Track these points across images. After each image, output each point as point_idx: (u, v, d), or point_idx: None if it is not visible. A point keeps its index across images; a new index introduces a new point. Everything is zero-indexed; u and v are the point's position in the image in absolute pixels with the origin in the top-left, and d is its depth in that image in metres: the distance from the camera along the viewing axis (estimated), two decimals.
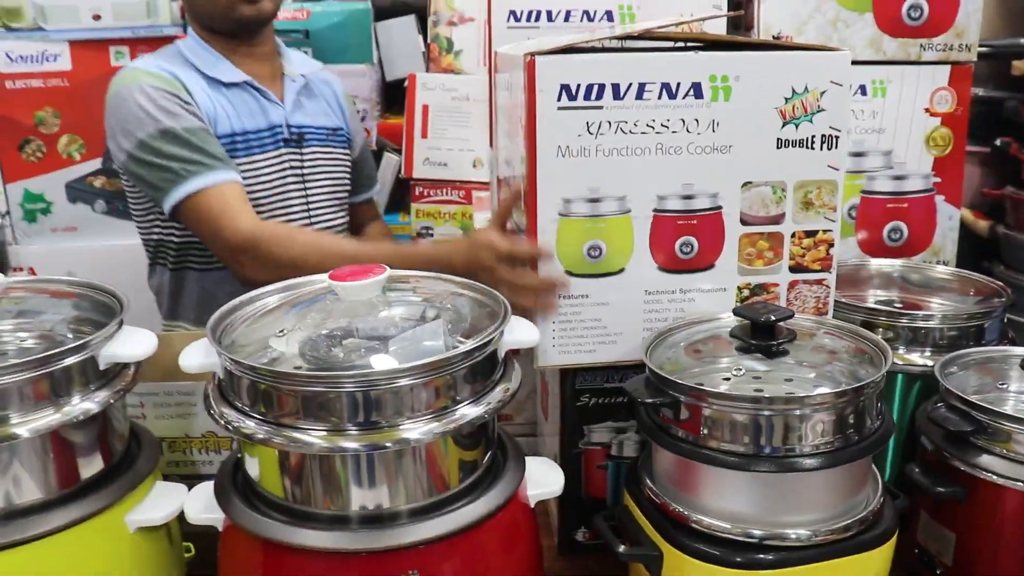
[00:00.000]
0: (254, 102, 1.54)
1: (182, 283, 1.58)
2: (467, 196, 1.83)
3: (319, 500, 0.88)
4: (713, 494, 0.94)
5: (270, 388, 0.85)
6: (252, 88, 1.55)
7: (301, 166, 1.57)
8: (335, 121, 1.64)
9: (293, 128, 1.56)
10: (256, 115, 1.54)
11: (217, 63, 1.53)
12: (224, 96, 1.52)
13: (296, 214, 1.57)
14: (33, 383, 0.88)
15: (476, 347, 0.88)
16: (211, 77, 1.52)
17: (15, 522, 0.89)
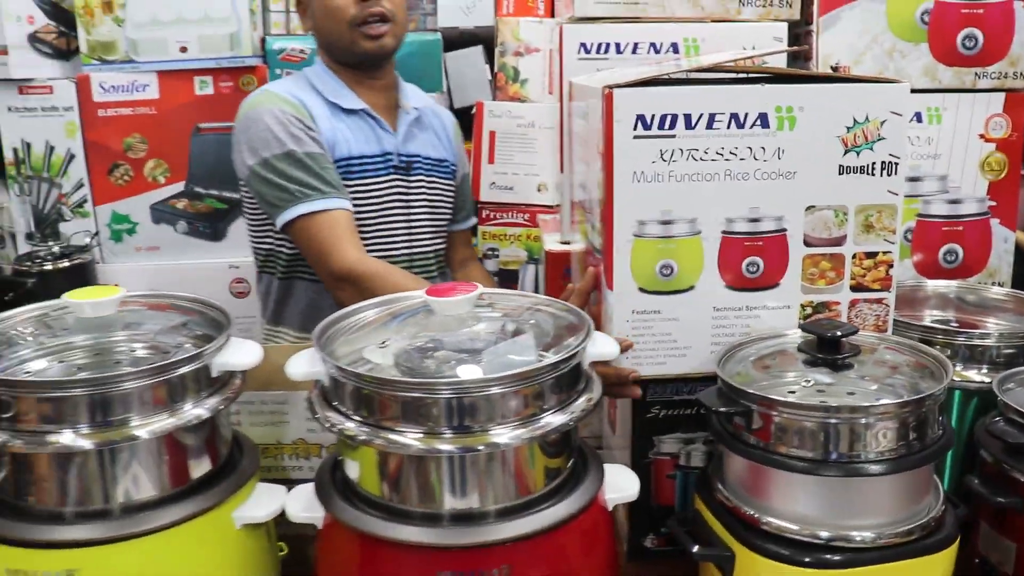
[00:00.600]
0: (369, 130, 1.65)
1: (290, 291, 1.68)
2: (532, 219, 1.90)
3: (414, 499, 0.94)
4: (782, 498, 1.00)
5: (373, 393, 0.92)
6: (369, 116, 1.65)
7: (407, 192, 1.66)
8: (442, 153, 1.73)
9: (403, 156, 1.66)
10: (371, 142, 1.64)
11: (339, 91, 1.64)
12: (343, 122, 1.63)
13: (398, 236, 1.66)
14: (152, 389, 0.96)
15: (562, 359, 0.94)
16: (333, 103, 1.63)
17: (133, 516, 0.97)
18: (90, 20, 1.99)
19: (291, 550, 1.19)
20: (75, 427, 0.93)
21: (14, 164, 2.04)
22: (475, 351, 1.00)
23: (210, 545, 1.01)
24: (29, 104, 2.02)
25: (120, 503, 0.97)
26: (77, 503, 0.96)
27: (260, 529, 1.07)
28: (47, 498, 0.96)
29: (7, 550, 0.95)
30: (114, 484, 0.96)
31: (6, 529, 0.95)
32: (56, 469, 0.95)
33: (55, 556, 0.94)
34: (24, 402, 0.93)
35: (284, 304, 1.70)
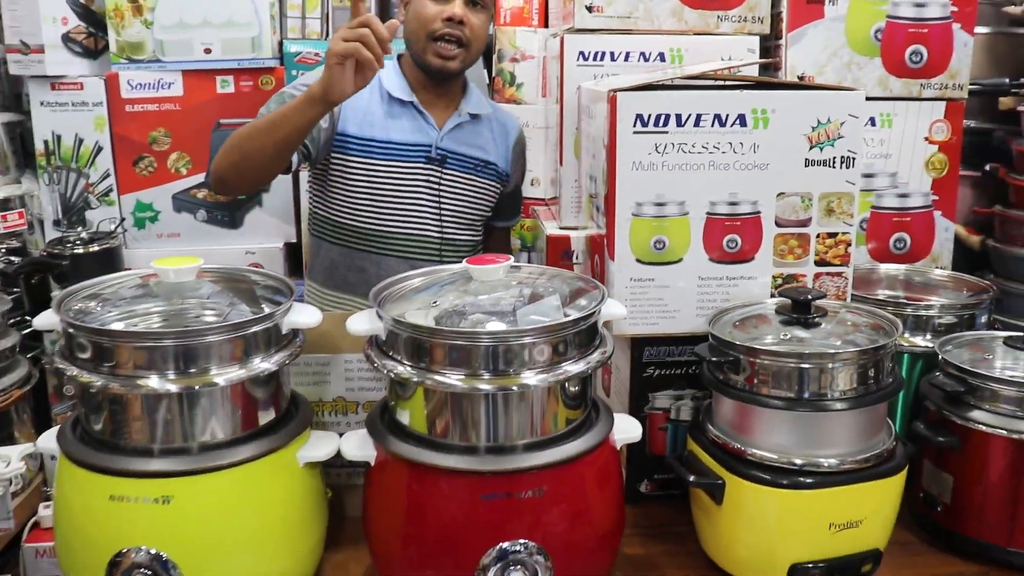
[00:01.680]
0: (413, 120, 1.80)
1: (318, 249, 1.88)
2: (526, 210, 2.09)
3: (457, 434, 1.13)
4: (764, 432, 1.20)
5: (424, 342, 1.10)
6: (416, 109, 1.80)
7: (439, 182, 1.82)
8: (491, 156, 1.87)
9: (440, 149, 1.81)
10: (412, 132, 1.80)
11: (399, 82, 1.80)
12: (391, 108, 1.79)
13: (429, 222, 1.83)
14: (230, 343, 1.13)
15: (582, 317, 1.13)
16: (386, 91, 1.79)
17: (211, 452, 1.13)
18: (120, 22, 2.14)
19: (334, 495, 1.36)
20: (163, 374, 1.10)
21: (44, 155, 2.18)
22: (506, 312, 1.18)
23: (279, 480, 1.18)
24: (61, 99, 2.15)
25: (199, 441, 1.13)
26: (164, 441, 1.12)
27: (317, 469, 1.25)
28: (138, 436, 1.12)
29: (107, 479, 1.11)
30: (196, 425, 1.13)
31: (105, 461, 1.12)
32: (146, 410, 1.12)
33: (149, 484, 1.10)
34: (120, 351, 1.10)
35: (315, 259, 1.90)
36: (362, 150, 1.78)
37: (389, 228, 1.81)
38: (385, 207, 1.80)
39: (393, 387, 1.18)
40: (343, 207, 1.82)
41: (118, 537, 1.10)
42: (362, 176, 1.77)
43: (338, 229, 1.83)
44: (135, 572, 1.10)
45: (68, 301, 1.18)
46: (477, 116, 1.86)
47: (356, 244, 1.83)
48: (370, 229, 1.81)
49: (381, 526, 1.19)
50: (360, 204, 1.80)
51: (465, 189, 1.85)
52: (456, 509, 1.11)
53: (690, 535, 1.35)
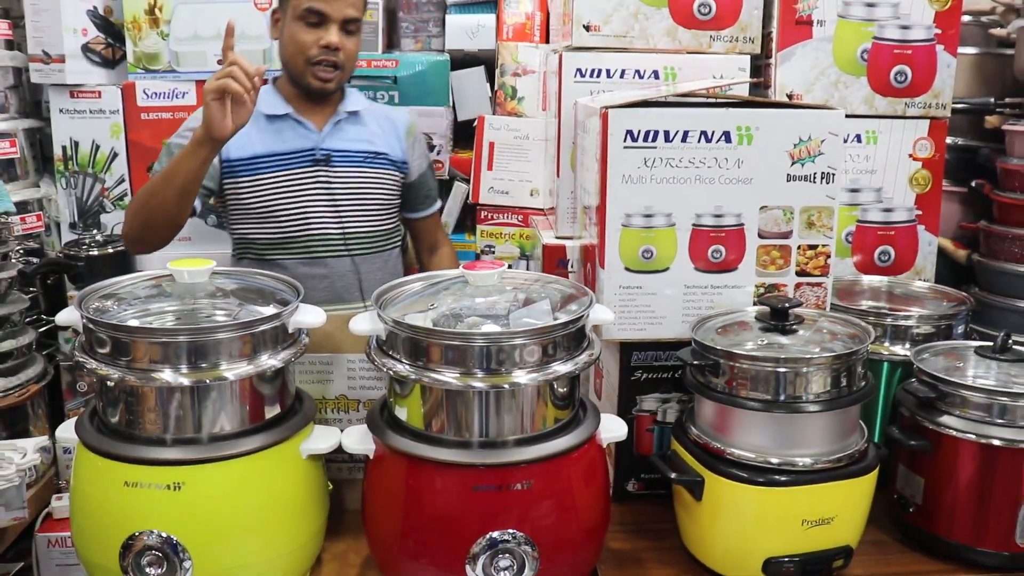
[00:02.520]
0: (292, 130, 1.95)
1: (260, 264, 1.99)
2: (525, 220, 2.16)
3: (452, 429, 1.20)
4: (742, 432, 1.27)
5: (421, 342, 1.18)
6: (294, 119, 1.95)
7: (329, 180, 1.95)
8: (380, 147, 2.00)
9: (323, 150, 1.94)
10: (291, 140, 1.94)
11: (272, 101, 1.95)
12: (267, 124, 1.93)
13: (327, 221, 1.96)
14: (239, 340, 1.21)
15: (571, 320, 1.20)
16: (260, 111, 1.90)
17: (220, 443, 1.20)
18: (137, 33, 2.23)
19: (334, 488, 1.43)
20: (176, 368, 1.17)
21: (62, 160, 2.26)
22: (500, 315, 1.25)
23: (282, 470, 1.25)
24: (79, 107, 2.24)
25: (209, 432, 1.21)
26: (176, 431, 1.20)
27: (319, 461, 1.32)
28: (152, 426, 1.20)
29: (122, 466, 1.18)
30: (205, 416, 1.20)
31: (121, 449, 1.19)
32: (159, 402, 1.19)
33: (162, 472, 1.18)
34: (137, 346, 1.17)
35: None
36: (248, 168, 1.93)
37: (289, 233, 1.96)
38: (281, 214, 1.94)
39: (392, 384, 1.25)
40: (245, 225, 1.97)
41: (131, 521, 1.17)
42: (253, 191, 1.91)
43: (248, 247, 1.99)
44: (147, 554, 1.18)
45: (87, 299, 1.26)
46: (356, 112, 2.00)
47: (268, 255, 1.97)
48: (273, 239, 1.96)
49: (378, 516, 1.26)
50: (258, 217, 1.95)
51: (358, 181, 1.98)
52: (449, 500, 1.18)
53: (674, 532, 1.41)
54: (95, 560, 1.22)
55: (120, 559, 1.18)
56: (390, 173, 2.02)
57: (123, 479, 1.18)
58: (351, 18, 1.88)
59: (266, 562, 1.24)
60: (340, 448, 1.29)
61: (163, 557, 1.17)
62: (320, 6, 1.84)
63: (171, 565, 1.17)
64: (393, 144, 2.04)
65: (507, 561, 1.18)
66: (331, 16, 1.85)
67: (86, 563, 1.24)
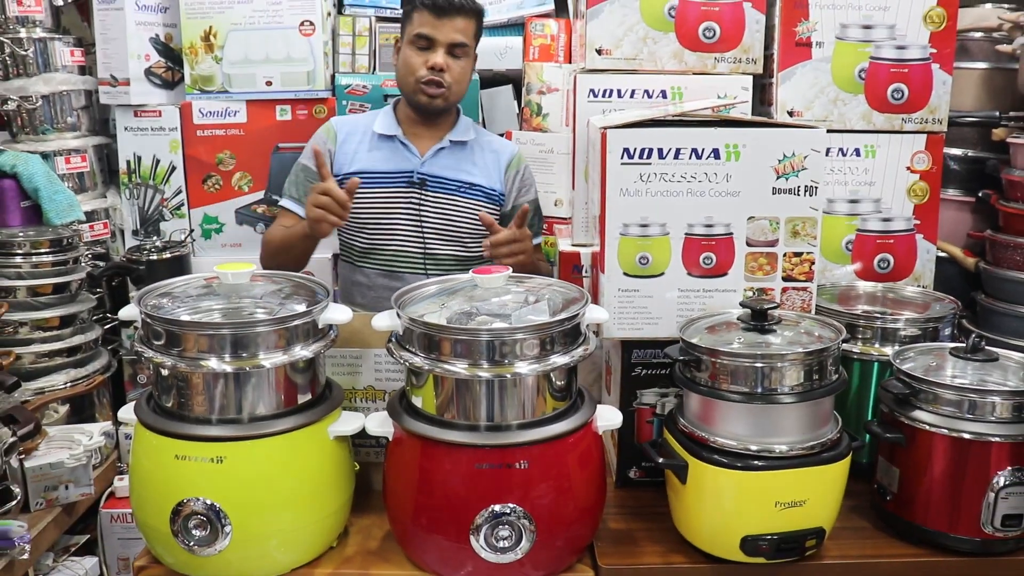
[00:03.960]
0: (395, 152, 2.11)
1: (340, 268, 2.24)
2: (549, 228, 2.31)
3: (460, 414, 1.35)
4: (723, 422, 1.40)
5: (435, 337, 1.33)
6: (400, 142, 2.11)
7: (420, 204, 2.09)
8: (476, 179, 2.13)
9: (420, 174, 2.08)
10: (392, 161, 2.11)
11: (385, 121, 2.14)
12: (376, 143, 2.12)
13: (411, 239, 2.12)
14: (276, 333, 1.37)
15: (566, 318, 1.35)
16: (373, 131, 2.12)
17: (258, 423, 1.37)
18: (194, 58, 2.43)
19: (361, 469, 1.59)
20: (220, 357, 1.34)
21: (126, 173, 2.48)
22: (506, 314, 1.40)
23: (312, 449, 1.42)
24: (142, 125, 2.45)
25: (248, 413, 1.37)
26: (220, 411, 1.37)
27: (346, 443, 1.48)
28: (199, 407, 1.37)
29: (173, 442, 1.36)
30: (245, 399, 1.37)
31: (172, 427, 1.37)
32: (206, 386, 1.36)
33: (207, 447, 1.35)
34: (187, 338, 1.35)
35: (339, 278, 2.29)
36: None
37: (376, 245, 2.13)
38: (372, 227, 2.12)
39: (409, 375, 1.41)
40: (343, 232, 2.16)
41: (181, 489, 1.35)
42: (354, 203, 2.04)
43: (345, 251, 2.20)
44: (193, 519, 1.35)
45: (146, 297, 1.44)
46: (462, 143, 2.15)
47: (357, 261, 2.16)
48: (362, 247, 2.14)
49: (396, 492, 1.42)
50: (352, 226, 2.12)
51: (447, 209, 2.13)
52: (457, 477, 1.33)
53: (668, 516, 1.54)
54: (150, 523, 1.39)
55: (171, 523, 1.35)
56: (482, 204, 2.13)
57: (174, 453, 1.36)
58: (458, 43, 2.03)
59: (296, 530, 1.40)
60: (364, 432, 1.45)
61: (207, 521, 1.34)
62: (428, 31, 2.02)
63: (214, 529, 1.34)
64: (492, 175, 2.15)
65: (506, 532, 1.33)
66: (438, 40, 2.02)
67: (142, 526, 1.42)
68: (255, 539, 1.38)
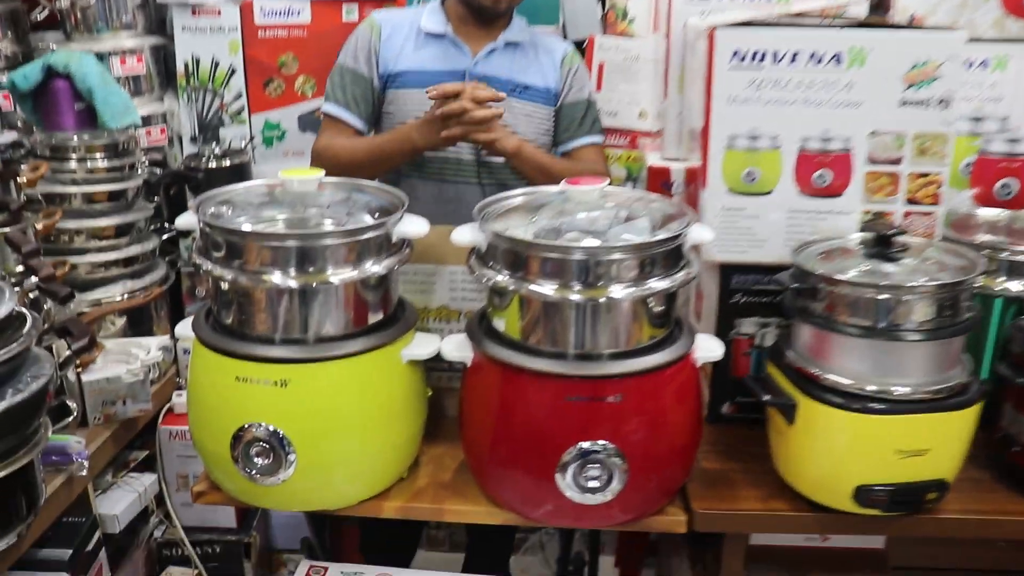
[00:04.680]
0: (444, 51, 1.93)
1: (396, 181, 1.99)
2: (632, 142, 2.14)
3: (547, 340, 1.22)
4: (839, 358, 1.25)
5: (521, 254, 1.20)
6: (450, 41, 1.93)
7: None
8: (530, 79, 1.96)
9: (472, 75, 1.92)
10: (442, 61, 1.93)
11: (434, 18, 1.94)
12: (425, 43, 1.93)
13: (463, 147, 1.92)
14: (346, 247, 1.25)
15: (669, 237, 1.21)
16: (421, 27, 1.93)
17: (324, 344, 1.26)
18: None
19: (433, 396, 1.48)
20: (285, 271, 1.22)
21: (184, 76, 2.35)
22: (600, 231, 1.26)
23: (383, 374, 1.31)
24: (200, 24, 2.30)
25: (314, 333, 1.26)
26: (284, 331, 1.26)
27: (419, 367, 1.37)
28: (262, 325, 1.26)
29: (234, 362, 1.26)
30: (312, 318, 1.26)
31: (234, 346, 1.26)
32: (269, 303, 1.25)
33: (270, 368, 1.24)
34: (249, 249, 1.23)
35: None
36: (397, 82, 1.93)
37: (424, 153, 1.91)
38: None
39: (491, 295, 1.29)
40: None
41: (242, 413, 1.25)
42: (399, 105, 1.91)
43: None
44: (255, 445, 1.25)
45: (204, 204, 1.32)
46: (515, 43, 1.96)
47: (402, 171, 1.97)
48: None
49: (473, 422, 1.31)
50: None
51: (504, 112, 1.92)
52: (543, 409, 1.22)
53: (766, 457, 1.42)
54: (209, 448, 1.30)
55: (231, 448, 1.26)
56: (537, 107, 1.98)
57: (235, 374, 1.25)
58: None
59: (365, 459, 1.30)
60: (439, 356, 1.33)
61: (270, 448, 1.25)
62: None
63: (276, 456, 1.25)
64: (548, 75, 1.99)
65: (596, 471, 1.21)
66: None
67: (201, 450, 1.33)
68: (320, 469, 1.28)
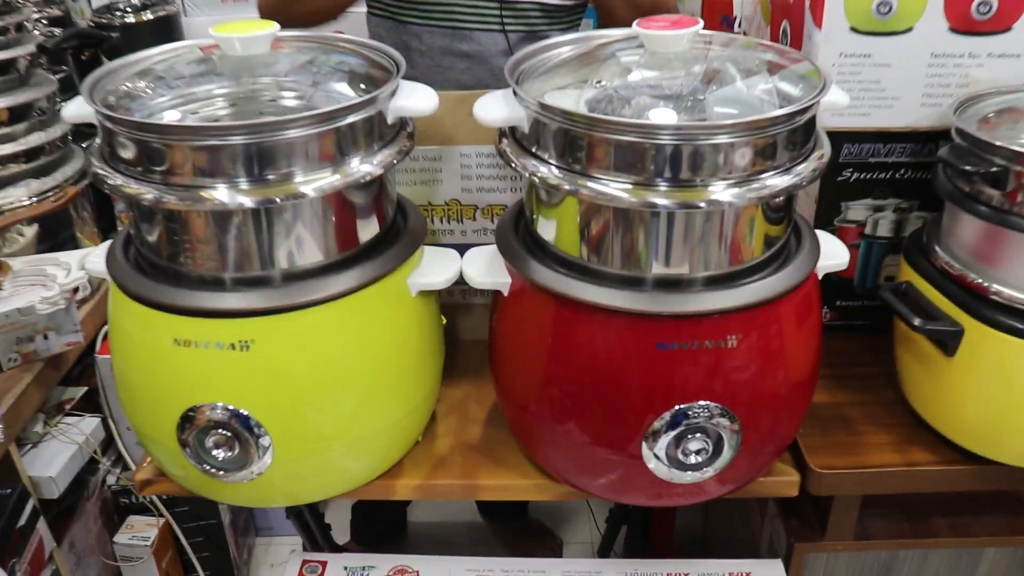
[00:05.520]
0: None
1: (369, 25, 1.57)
2: None
3: (619, 260, 0.84)
4: (1021, 267, 0.89)
5: (582, 137, 0.80)
6: None
7: None
8: None
9: None
10: None
11: None
12: None
13: None
14: (319, 139, 0.84)
15: (798, 110, 0.81)
16: None
17: (299, 284, 0.87)
18: None
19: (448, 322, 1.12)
20: (232, 182, 0.81)
21: None
22: (689, 98, 0.87)
23: (386, 315, 0.92)
24: None
25: (283, 270, 0.87)
26: (239, 270, 0.86)
27: (432, 297, 0.99)
28: (206, 263, 0.86)
29: (170, 319, 0.86)
30: (278, 249, 0.86)
31: (166, 295, 0.86)
32: (213, 230, 0.85)
33: (224, 326, 0.85)
34: (176, 151, 0.81)
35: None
36: None
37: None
38: None
39: (534, 193, 0.90)
40: None
41: (189, 390, 0.87)
42: None
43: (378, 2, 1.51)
44: (212, 432, 0.88)
45: (105, 83, 0.90)
46: None
47: (401, 15, 1.49)
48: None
49: (516, 371, 0.95)
50: None
51: None
52: (620, 360, 0.85)
53: (880, 379, 1.10)
54: (150, 435, 0.93)
55: (178, 437, 0.89)
56: None
57: (172, 335, 0.86)
58: None
59: (369, 436, 0.95)
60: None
61: (233, 437, 0.88)
62: None
63: (244, 446, 0.88)
64: None
65: (699, 443, 0.87)
66: None
67: (140, 436, 0.96)
68: (307, 454, 0.92)
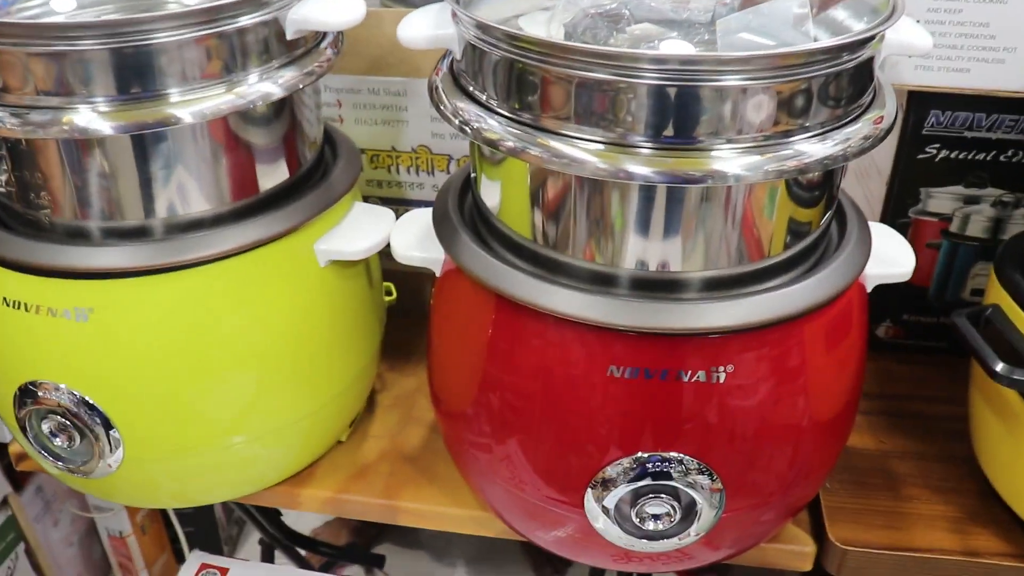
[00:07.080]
0: None
1: None
2: None
3: (581, 247, 0.60)
4: None
5: (536, 73, 0.56)
6: None
7: None
8: None
9: None
10: None
11: None
12: None
13: None
14: (201, 47, 0.62)
15: (850, 43, 0.55)
16: None
17: (176, 239, 0.67)
18: None
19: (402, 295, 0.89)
20: (90, 102, 0.61)
21: None
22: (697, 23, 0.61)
23: (283, 284, 0.72)
24: None
25: (162, 219, 0.67)
26: (95, 216, 0.66)
27: (356, 268, 0.77)
28: (59, 208, 0.66)
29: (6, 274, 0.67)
30: (151, 191, 0.66)
31: (6, 248, 0.67)
32: (65, 165, 0.64)
33: (69, 288, 0.66)
34: (12, 61, 0.60)
35: None
36: None
37: None
38: None
39: (476, 151, 0.66)
40: None
41: (20, 366, 0.68)
42: None
43: None
44: (48, 418, 0.69)
45: None
46: None
47: None
48: None
49: (450, 378, 0.72)
50: None
51: None
52: (565, 381, 0.62)
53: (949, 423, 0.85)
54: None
55: (17, 420, 0.70)
56: None
57: (2, 295, 0.67)
58: None
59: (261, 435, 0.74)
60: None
61: (73, 427, 0.68)
62: None
63: (86, 438, 0.69)
64: None
65: (661, 506, 0.63)
66: None
67: None
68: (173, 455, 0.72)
